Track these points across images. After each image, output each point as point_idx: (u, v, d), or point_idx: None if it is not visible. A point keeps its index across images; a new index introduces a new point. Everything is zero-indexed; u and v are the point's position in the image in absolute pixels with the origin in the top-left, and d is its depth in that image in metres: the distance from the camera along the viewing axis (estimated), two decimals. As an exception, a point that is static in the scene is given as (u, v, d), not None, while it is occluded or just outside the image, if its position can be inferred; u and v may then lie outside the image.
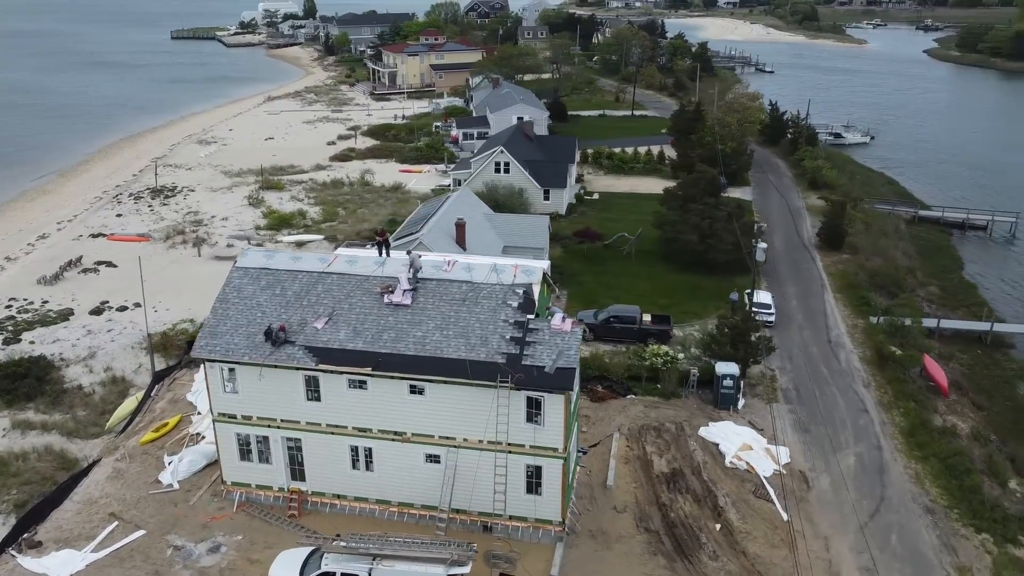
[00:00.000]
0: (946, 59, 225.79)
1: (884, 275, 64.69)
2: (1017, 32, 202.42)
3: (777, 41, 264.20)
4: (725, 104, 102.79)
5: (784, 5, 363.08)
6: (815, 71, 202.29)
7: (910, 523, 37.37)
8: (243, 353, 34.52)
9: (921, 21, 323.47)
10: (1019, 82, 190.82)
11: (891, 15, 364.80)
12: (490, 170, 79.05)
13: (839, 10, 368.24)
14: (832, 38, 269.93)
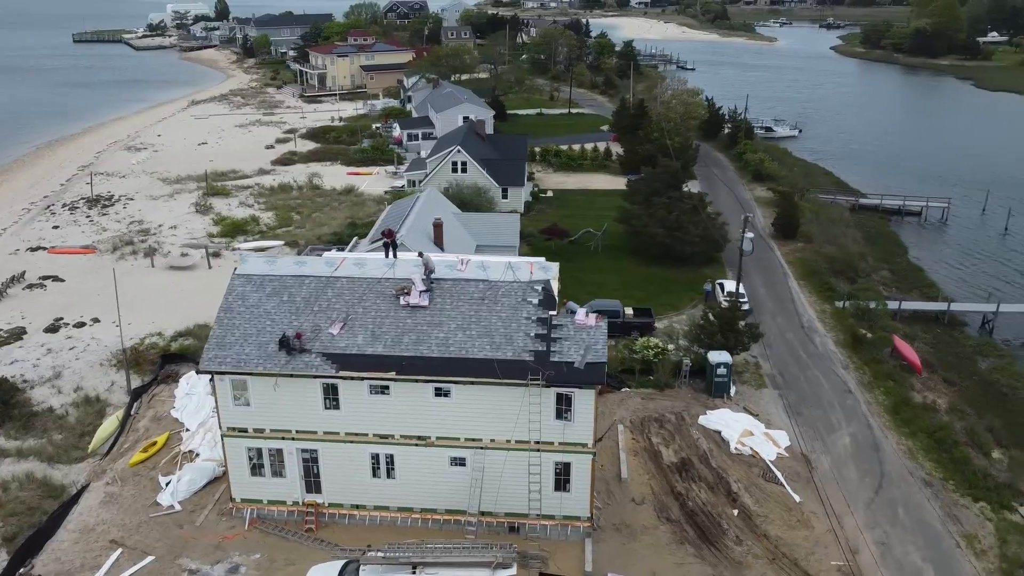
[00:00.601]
0: (852, 55, 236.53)
1: (841, 261, 67.19)
2: (916, 29, 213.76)
3: (692, 40, 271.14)
4: (666, 100, 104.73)
5: (694, 5, 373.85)
6: (734, 67, 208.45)
7: (912, 497, 38.89)
8: (256, 363, 33.11)
9: (823, 19, 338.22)
10: (920, 75, 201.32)
11: (794, 14, 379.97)
12: (447, 170, 78.35)
13: (746, 9, 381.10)
14: (744, 36, 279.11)
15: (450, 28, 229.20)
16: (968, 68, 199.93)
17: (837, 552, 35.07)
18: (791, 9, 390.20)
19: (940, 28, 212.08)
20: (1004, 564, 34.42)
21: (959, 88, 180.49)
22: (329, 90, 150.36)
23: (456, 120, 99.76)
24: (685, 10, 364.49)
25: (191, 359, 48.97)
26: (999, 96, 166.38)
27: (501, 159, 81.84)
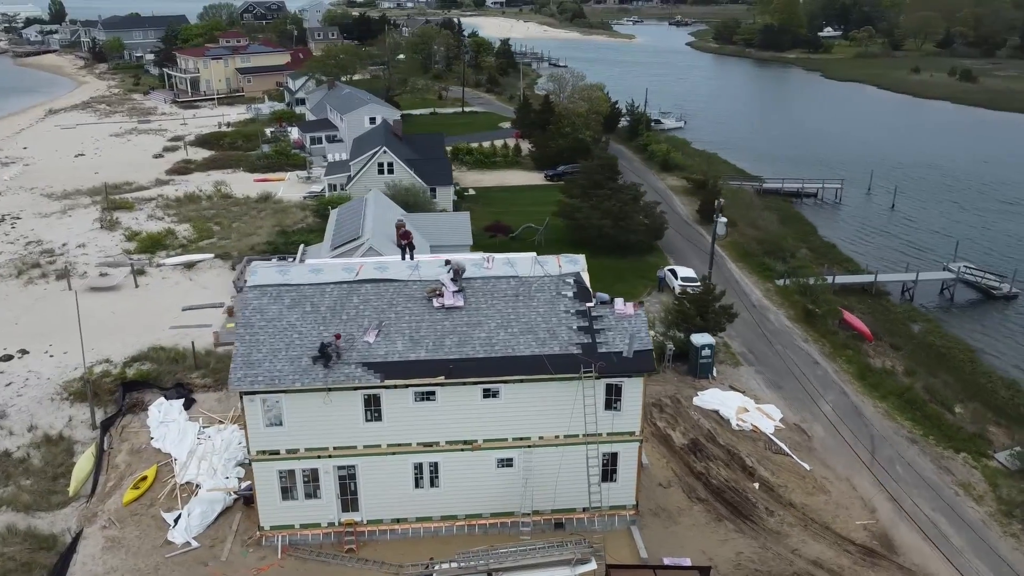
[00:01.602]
0: (706, 50, 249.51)
1: (768, 243, 70.95)
2: (765, 25, 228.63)
3: (556, 38, 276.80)
4: (569, 95, 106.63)
5: (548, 4, 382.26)
6: (602, 64, 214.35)
7: (904, 454, 41.78)
8: (291, 380, 31.04)
9: (672, 17, 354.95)
10: (772, 68, 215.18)
11: (642, 12, 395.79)
12: (372, 172, 76.23)
13: (597, 8, 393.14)
14: (604, 34, 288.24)
15: (315, 29, 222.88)
16: (813, 61, 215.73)
17: (859, 512, 37.17)
18: (639, 8, 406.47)
19: (784, 24, 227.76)
20: (1002, 506, 37.64)
21: (811, 79, 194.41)
22: (204, 95, 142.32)
23: (363, 121, 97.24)
24: (540, 9, 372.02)
25: (155, 385, 45.31)
26: (847, 86, 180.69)
27: (424, 159, 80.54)
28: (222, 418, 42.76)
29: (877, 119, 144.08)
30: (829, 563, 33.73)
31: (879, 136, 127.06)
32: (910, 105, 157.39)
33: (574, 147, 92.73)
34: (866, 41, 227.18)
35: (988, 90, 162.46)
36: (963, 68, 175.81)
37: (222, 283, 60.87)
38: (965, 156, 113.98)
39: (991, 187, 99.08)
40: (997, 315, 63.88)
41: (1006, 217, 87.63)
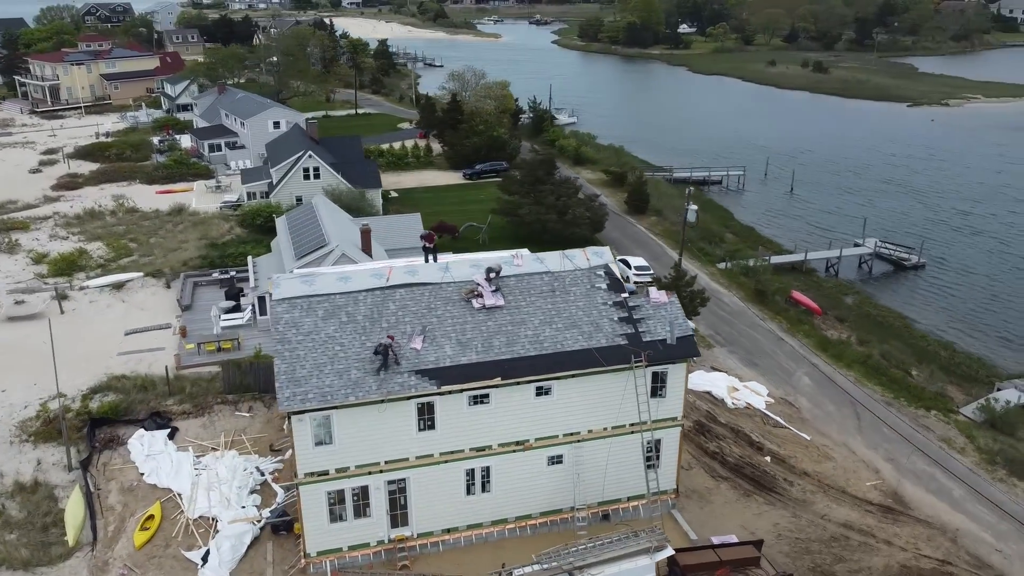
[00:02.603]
0: (573, 48, 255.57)
1: (700, 228, 73.82)
2: (628, 23, 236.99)
3: (423, 38, 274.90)
4: (474, 93, 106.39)
5: (406, 4, 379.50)
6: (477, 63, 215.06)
7: (886, 415, 44.79)
8: (344, 394, 29.42)
9: (532, 17, 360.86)
10: (639, 64, 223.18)
11: (500, 12, 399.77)
12: (298, 177, 73.25)
13: (456, 8, 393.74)
14: (470, 33, 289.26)
15: (173, 32, 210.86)
16: (677, 56, 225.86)
17: (865, 474, 39.55)
18: (497, 7, 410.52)
19: (646, 22, 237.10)
20: (983, 456, 41.18)
21: (680, 73, 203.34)
22: (67, 103, 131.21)
23: (266, 126, 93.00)
24: (399, 9, 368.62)
25: (129, 420, 41.56)
26: (714, 79, 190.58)
27: (351, 161, 78.19)
28: (214, 445, 39.88)
29: (750, 109, 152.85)
30: (858, 524, 35.72)
31: (756, 125, 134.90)
32: (775, 95, 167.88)
33: (489, 145, 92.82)
34: (722, 37, 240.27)
35: (839, 80, 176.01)
36: (815, 60, 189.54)
37: (160, 303, 56.60)
38: (833, 141, 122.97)
39: (865, 169, 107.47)
40: (910, 283, 69.61)
41: (886, 196, 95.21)
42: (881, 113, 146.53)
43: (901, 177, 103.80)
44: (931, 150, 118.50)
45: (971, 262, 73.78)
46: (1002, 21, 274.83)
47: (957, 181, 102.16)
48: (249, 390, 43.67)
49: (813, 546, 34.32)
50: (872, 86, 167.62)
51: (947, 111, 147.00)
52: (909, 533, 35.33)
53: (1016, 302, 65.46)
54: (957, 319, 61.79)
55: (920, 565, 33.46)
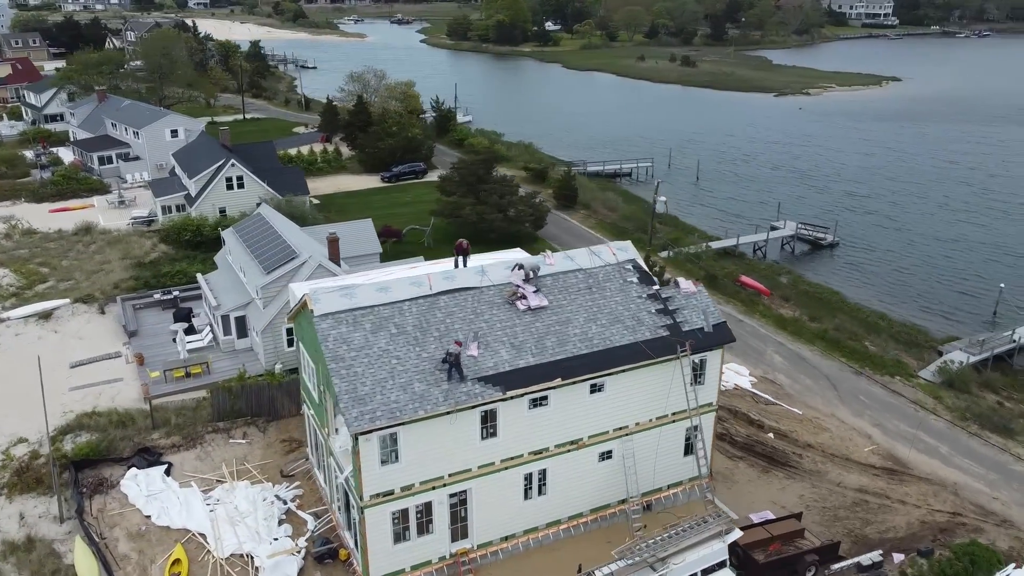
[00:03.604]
0: (442, 47, 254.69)
1: (632, 220, 75.80)
2: (498, 21, 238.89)
3: (285, 39, 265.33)
4: (379, 94, 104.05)
5: (258, 5, 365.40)
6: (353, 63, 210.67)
7: (859, 385, 47.83)
8: (412, 409, 28.23)
9: (393, 16, 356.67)
10: (513, 61, 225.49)
11: (357, 11, 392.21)
12: (220, 188, 69.25)
13: (311, 7, 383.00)
14: (334, 33, 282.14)
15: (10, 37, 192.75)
16: (548, 53, 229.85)
17: (860, 441, 42.08)
18: (354, 6, 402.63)
19: (515, 20, 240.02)
20: (955, 414, 44.77)
21: (555, 70, 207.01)
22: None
23: (163, 135, 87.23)
24: (252, 10, 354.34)
25: (113, 459, 38.00)
26: (589, 75, 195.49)
27: (266, 169, 74.58)
28: (219, 477, 37.16)
29: (631, 103, 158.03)
30: (871, 488, 38.00)
31: (642, 118, 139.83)
32: (652, 89, 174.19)
33: (405, 146, 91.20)
34: (588, 34, 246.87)
35: (707, 73, 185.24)
36: (682, 55, 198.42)
37: (99, 330, 52.00)
38: (716, 132, 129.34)
39: (752, 157, 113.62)
40: (829, 261, 74.44)
41: (778, 181, 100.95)
42: (752, 103, 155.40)
43: (786, 163, 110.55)
44: (806, 137, 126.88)
45: (872, 239, 79.72)
46: (834, 16, 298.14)
47: (835, 165, 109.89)
48: (241, 415, 40.97)
49: (840, 513, 36.25)
50: (738, 78, 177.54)
51: (809, 100, 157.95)
52: (917, 491, 37.98)
53: (920, 273, 71.32)
54: (882, 292, 66.66)
55: (936, 519, 36.07)
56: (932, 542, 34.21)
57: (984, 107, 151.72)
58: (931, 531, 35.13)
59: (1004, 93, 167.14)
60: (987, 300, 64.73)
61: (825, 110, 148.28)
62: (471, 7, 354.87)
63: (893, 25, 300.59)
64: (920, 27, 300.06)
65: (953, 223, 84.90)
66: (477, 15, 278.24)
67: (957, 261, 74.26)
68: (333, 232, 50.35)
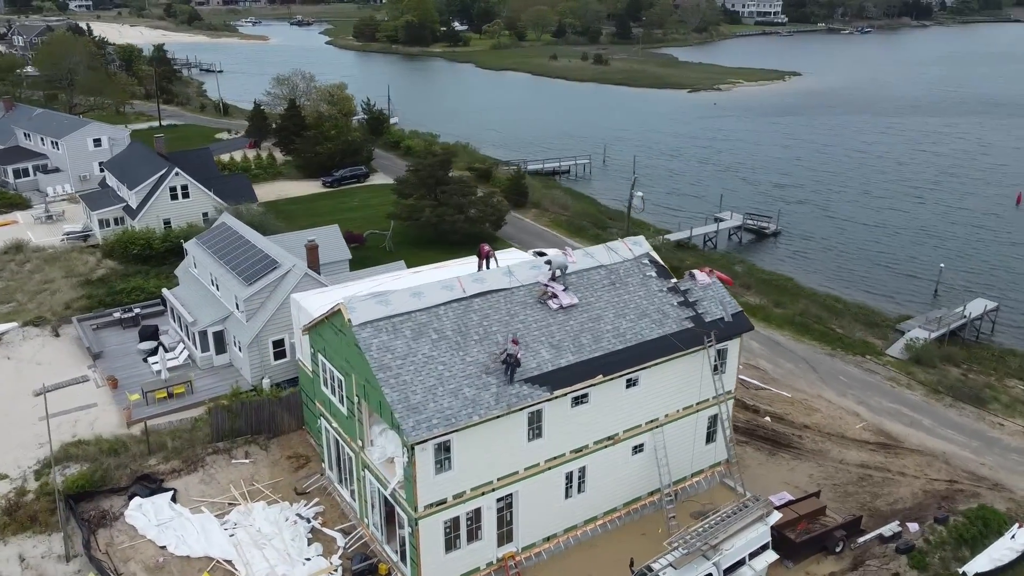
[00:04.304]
0: (350, 48, 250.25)
1: (586, 216, 76.68)
2: (407, 22, 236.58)
3: (180, 42, 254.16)
4: (311, 97, 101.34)
5: (146, 7, 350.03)
6: (261, 66, 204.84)
7: (834, 365, 49.95)
8: (466, 414, 27.75)
9: (292, 17, 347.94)
10: (425, 61, 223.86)
11: (254, 12, 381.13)
12: (164, 198, 66.00)
13: (204, 8, 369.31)
14: (234, 36, 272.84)
15: None
16: (459, 53, 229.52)
17: (850, 419, 43.96)
18: (248, 8, 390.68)
19: (423, 20, 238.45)
20: (928, 388, 47.35)
21: (471, 70, 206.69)
22: None
23: (86, 145, 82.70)
24: (141, 12, 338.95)
25: (110, 489, 35.71)
26: (505, 74, 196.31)
27: (207, 177, 71.62)
28: (230, 500, 35.48)
29: (551, 101, 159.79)
30: (872, 463, 39.80)
31: (565, 116, 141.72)
32: (569, 88, 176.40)
33: (345, 150, 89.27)
34: (497, 34, 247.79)
35: (620, 70, 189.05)
36: (595, 53, 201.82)
37: (57, 354, 48.74)
38: (639, 128, 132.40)
39: (679, 152, 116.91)
40: (774, 249, 77.41)
41: (708, 176, 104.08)
42: (669, 100, 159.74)
43: (712, 157, 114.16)
44: (725, 131, 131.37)
45: (808, 228, 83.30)
46: (729, 14, 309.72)
47: (757, 158, 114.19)
48: (240, 434, 39.20)
49: (849, 488, 37.80)
50: (650, 75, 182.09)
51: (721, 96, 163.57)
52: (912, 463, 40.02)
53: (858, 257, 75.02)
54: (827, 277, 69.76)
55: (936, 488, 38.10)
56: (938, 509, 36.13)
57: (880, 99, 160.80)
58: (935, 499, 37.08)
59: (892, 85, 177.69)
60: (923, 280, 68.85)
61: (738, 105, 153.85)
62: (371, 7, 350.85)
63: (783, 23, 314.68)
64: (807, 24, 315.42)
65: (877, 210, 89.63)
66: (380, 16, 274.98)
67: (887, 245, 78.46)
68: (312, 239, 48.83)
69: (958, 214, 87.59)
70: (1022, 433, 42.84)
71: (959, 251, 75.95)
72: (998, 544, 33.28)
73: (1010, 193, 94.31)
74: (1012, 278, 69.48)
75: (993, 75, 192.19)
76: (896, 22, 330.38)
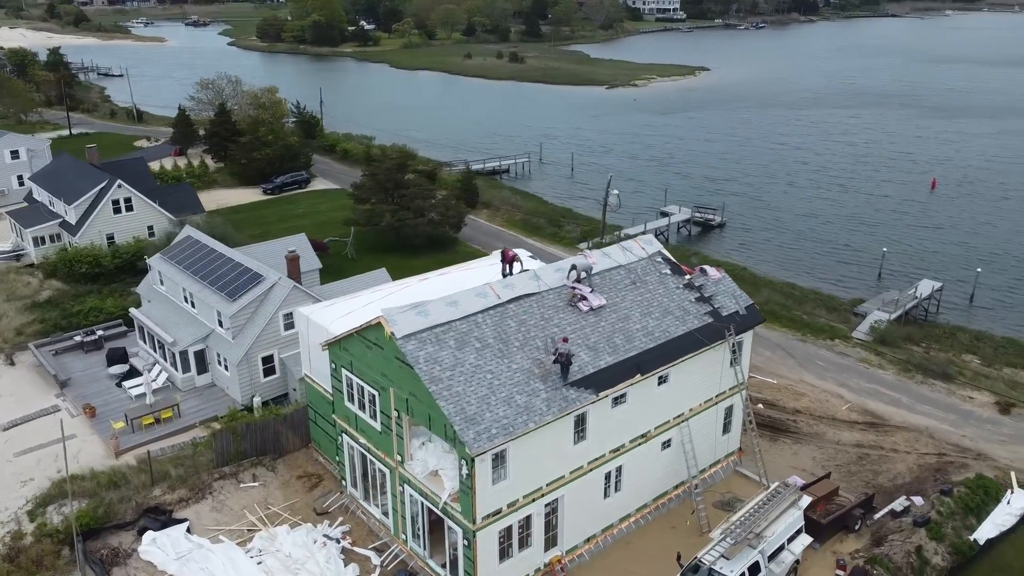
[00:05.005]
0: (255, 49, 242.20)
1: (541, 214, 77.02)
2: (315, 22, 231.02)
3: (68, 45, 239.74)
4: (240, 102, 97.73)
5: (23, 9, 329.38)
6: (166, 67, 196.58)
7: (808, 350, 52.04)
8: (523, 422, 27.54)
9: (187, 17, 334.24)
10: (336, 62, 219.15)
11: (140, 12, 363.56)
12: (107, 212, 62.53)
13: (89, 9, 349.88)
14: (127, 38, 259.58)
15: None
16: (370, 53, 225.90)
17: (835, 401, 45.94)
18: (137, 8, 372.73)
19: (330, 20, 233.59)
20: (898, 367, 49.93)
21: (385, 70, 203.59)
22: None
23: (2, 157, 77.30)
24: (19, 13, 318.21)
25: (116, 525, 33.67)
26: (420, 74, 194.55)
27: (154, 188, 68.36)
28: (249, 526, 34.02)
29: (473, 100, 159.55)
30: (866, 442, 41.74)
31: (492, 115, 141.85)
32: (488, 86, 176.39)
33: (283, 156, 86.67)
34: (408, 33, 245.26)
35: (537, 68, 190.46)
36: (510, 51, 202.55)
37: (16, 384, 45.62)
38: (565, 125, 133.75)
39: (609, 149, 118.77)
40: (721, 241, 79.85)
41: (641, 171, 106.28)
42: (589, 96, 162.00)
43: (641, 152, 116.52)
44: (649, 126, 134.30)
45: (748, 219, 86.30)
46: (631, 11, 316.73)
47: (684, 152, 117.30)
48: (245, 456, 37.60)
49: (852, 468, 39.54)
50: (567, 72, 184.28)
51: (639, 91, 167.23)
52: (902, 439, 42.19)
53: (800, 246, 78.25)
54: (776, 266, 72.50)
55: (927, 461, 40.31)
56: (935, 482, 38.26)
57: (784, 92, 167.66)
58: (930, 472, 39.23)
59: (793, 78, 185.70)
60: (862, 265, 72.48)
61: (656, 100, 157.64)
62: (269, 7, 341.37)
63: (683, 19, 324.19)
64: (705, 20, 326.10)
65: (806, 200, 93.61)
66: (282, 15, 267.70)
67: (823, 233, 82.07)
68: (293, 250, 47.26)
69: (881, 201, 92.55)
70: (991, 405, 45.79)
71: (888, 236, 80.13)
72: (999, 510, 35.55)
73: (924, 180, 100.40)
74: (943, 259, 73.99)
75: (877, 68, 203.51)
76: (786, 17, 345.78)
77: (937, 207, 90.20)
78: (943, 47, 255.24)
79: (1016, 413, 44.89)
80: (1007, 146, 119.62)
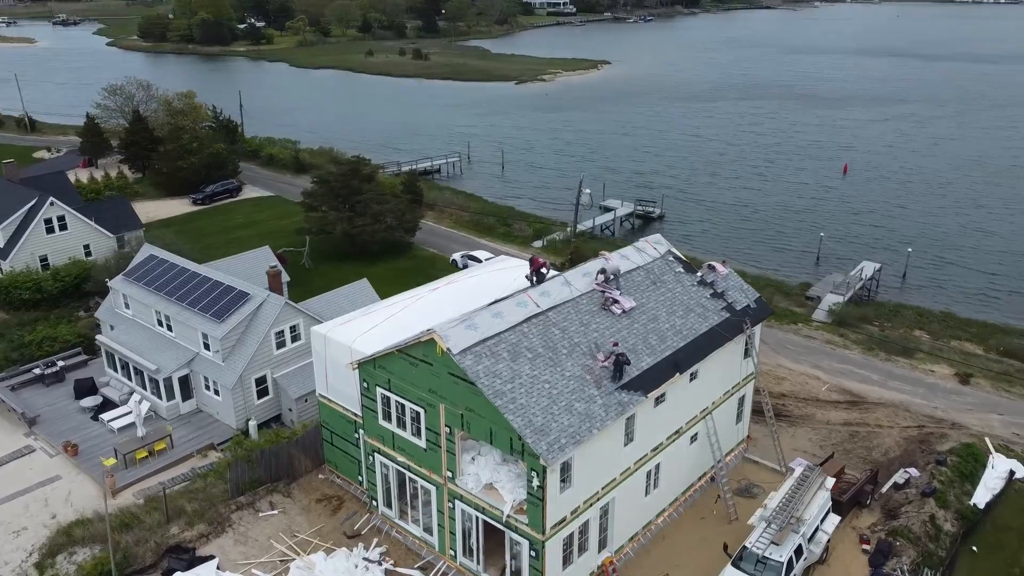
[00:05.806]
0: (137, 49, 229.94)
1: (491, 213, 76.89)
2: (202, 20, 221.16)
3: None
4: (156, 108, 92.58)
5: None
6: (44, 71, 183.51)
7: (776, 335, 54.29)
8: (586, 429, 27.69)
9: (54, 16, 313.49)
10: (229, 62, 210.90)
11: (4, 11, 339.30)
12: (40, 232, 58.33)
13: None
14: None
15: None
16: (264, 51, 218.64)
17: (814, 383, 48.25)
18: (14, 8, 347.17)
19: (219, 18, 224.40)
20: (861, 346, 52.87)
21: (284, 70, 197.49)
22: None
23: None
24: None
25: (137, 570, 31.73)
26: (322, 72, 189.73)
27: (85, 203, 64.13)
28: (281, 557, 32.70)
29: (381, 99, 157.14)
30: (853, 420, 44.08)
31: (404, 114, 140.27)
32: (394, 85, 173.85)
33: (211, 164, 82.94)
34: (301, 30, 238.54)
35: (442, 65, 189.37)
36: (413, 48, 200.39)
37: (-24, 425, 41.94)
38: (484, 124, 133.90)
39: (532, 146, 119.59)
40: (660, 231, 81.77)
41: (568, 167, 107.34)
42: (499, 92, 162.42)
43: (564, 148, 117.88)
44: (564, 122, 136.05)
45: (681, 210, 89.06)
46: (523, 5, 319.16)
47: (605, 146, 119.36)
48: (260, 484, 36.05)
49: (846, 446, 41.68)
50: (473, 68, 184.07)
51: (549, 86, 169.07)
52: (883, 415, 44.77)
53: (735, 234, 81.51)
54: (722, 254, 75.17)
55: (910, 434, 42.97)
56: (922, 453, 40.88)
57: (685, 84, 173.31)
58: (915, 444, 41.85)
59: (691, 70, 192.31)
60: (797, 250, 76.20)
61: (566, 95, 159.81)
62: (142, 5, 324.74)
63: (573, 12, 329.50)
64: (595, 14, 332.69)
65: (732, 189, 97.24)
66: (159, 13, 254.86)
67: (754, 221, 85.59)
68: (275, 265, 45.54)
69: (801, 188, 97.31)
70: (951, 376, 49.21)
71: (816, 221, 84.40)
72: (988, 475, 38.37)
73: (835, 165, 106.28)
74: (870, 242, 78.64)
75: (764, 59, 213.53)
76: (671, 10, 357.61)
77: (852, 191, 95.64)
78: (818, 38, 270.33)
79: (974, 383, 48.43)
80: (898, 131, 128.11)
